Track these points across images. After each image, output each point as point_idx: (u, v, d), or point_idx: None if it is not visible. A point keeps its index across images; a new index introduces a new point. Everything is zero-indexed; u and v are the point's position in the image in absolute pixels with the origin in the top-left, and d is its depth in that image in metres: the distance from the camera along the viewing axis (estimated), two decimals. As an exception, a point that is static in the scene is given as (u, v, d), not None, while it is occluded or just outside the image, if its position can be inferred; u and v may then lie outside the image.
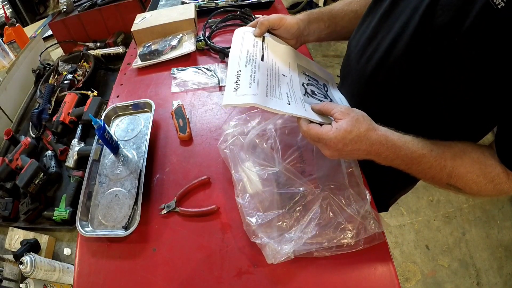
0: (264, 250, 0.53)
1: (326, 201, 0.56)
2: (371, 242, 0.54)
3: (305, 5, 3.04)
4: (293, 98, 0.55)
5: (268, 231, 0.55)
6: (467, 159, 0.48)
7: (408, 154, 0.48)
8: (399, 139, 0.49)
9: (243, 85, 0.53)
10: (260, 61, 0.58)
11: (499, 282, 1.48)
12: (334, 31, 0.71)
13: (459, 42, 0.42)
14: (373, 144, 0.48)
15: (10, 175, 0.98)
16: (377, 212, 0.57)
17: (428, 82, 0.49)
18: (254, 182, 0.58)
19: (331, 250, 0.54)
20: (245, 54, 0.59)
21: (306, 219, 0.54)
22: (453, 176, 0.48)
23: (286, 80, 0.59)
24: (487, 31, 0.39)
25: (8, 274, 0.83)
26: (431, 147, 0.49)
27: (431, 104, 0.51)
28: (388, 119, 0.52)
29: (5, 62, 1.45)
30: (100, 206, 0.68)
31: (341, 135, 0.47)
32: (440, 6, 0.44)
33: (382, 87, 0.57)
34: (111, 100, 0.93)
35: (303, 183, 0.57)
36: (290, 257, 0.52)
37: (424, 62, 0.48)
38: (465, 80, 0.45)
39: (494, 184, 0.47)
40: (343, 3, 0.73)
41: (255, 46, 0.61)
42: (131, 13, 1.32)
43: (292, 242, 0.52)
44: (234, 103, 0.50)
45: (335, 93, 0.67)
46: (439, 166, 0.48)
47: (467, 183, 0.48)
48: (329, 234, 0.54)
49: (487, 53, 0.41)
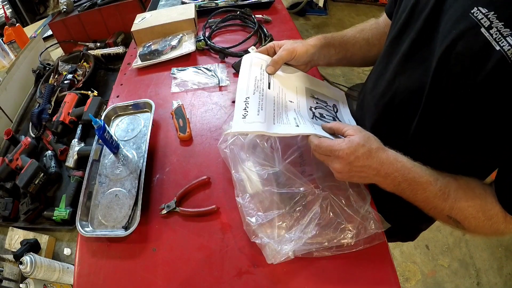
0: (264, 250, 0.53)
1: (326, 201, 0.56)
2: (371, 242, 0.54)
3: (305, 5, 3.04)
4: (301, 121, 0.55)
5: (268, 231, 0.55)
6: (470, 193, 0.48)
7: (416, 177, 0.48)
8: (409, 161, 0.49)
9: (251, 112, 0.54)
10: (267, 89, 0.59)
11: (499, 282, 1.48)
12: (344, 57, 0.72)
13: (472, 93, 0.42)
14: (383, 163, 0.48)
15: (10, 175, 0.98)
16: (378, 212, 0.58)
17: (443, 127, 0.50)
18: (254, 182, 0.58)
19: (331, 250, 0.54)
20: (253, 81, 0.59)
21: (306, 219, 0.54)
22: (454, 208, 0.49)
23: (293, 106, 0.60)
24: (501, 86, 0.39)
25: (8, 274, 0.84)
26: (437, 176, 0.49)
27: (443, 147, 0.51)
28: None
29: (5, 62, 1.45)
30: (100, 206, 0.68)
31: (354, 147, 0.47)
32: (454, 55, 0.43)
33: (397, 129, 0.58)
34: (111, 100, 0.93)
35: (303, 183, 0.57)
36: (290, 257, 0.52)
37: (442, 109, 0.48)
38: (475, 129, 0.45)
39: (492, 222, 0.48)
40: (356, 30, 0.74)
41: (262, 73, 0.61)
42: (131, 13, 1.32)
43: (292, 242, 0.52)
44: (243, 130, 0.52)
45: (345, 114, 0.68)
46: (443, 196, 0.48)
47: (467, 217, 0.48)
48: (329, 234, 0.54)
49: (498, 106, 0.41)
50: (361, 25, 0.75)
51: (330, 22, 3.10)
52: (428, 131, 0.52)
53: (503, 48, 0.38)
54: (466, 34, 0.42)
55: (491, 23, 0.39)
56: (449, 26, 0.45)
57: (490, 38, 0.39)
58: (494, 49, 0.39)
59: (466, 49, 0.42)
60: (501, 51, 0.38)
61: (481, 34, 0.40)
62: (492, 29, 0.39)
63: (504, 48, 0.37)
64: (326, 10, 3.17)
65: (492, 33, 0.39)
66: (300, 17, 3.15)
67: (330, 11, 3.22)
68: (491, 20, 0.39)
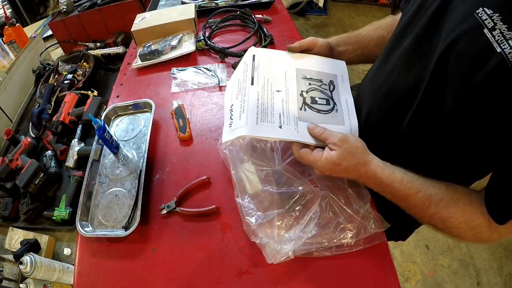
0: (264, 250, 0.53)
1: (325, 200, 0.56)
2: (371, 242, 0.54)
3: (305, 5, 3.04)
4: (285, 119, 0.56)
5: (268, 231, 0.55)
6: (453, 205, 0.49)
7: (393, 192, 0.51)
8: (387, 178, 0.51)
9: (235, 118, 0.56)
10: (249, 86, 0.58)
11: (499, 282, 1.48)
12: (363, 54, 0.74)
13: (469, 93, 0.42)
14: (361, 176, 0.52)
15: (10, 175, 0.98)
16: (377, 212, 0.58)
17: (436, 125, 0.49)
18: (254, 182, 0.58)
19: (331, 250, 0.54)
20: (236, 85, 0.60)
21: (306, 219, 0.54)
22: (434, 218, 0.50)
23: (281, 96, 0.59)
24: (499, 88, 0.39)
25: (8, 274, 0.84)
26: (419, 188, 0.50)
27: (435, 144, 0.51)
28: (388, 152, 0.54)
29: (5, 62, 1.45)
30: (100, 206, 0.68)
31: (329, 166, 0.51)
32: (455, 53, 0.43)
33: (390, 121, 0.58)
34: (111, 100, 0.93)
35: (303, 183, 0.57)
36: (290, 257, 0.52)
37: (437, 107, 0.48)
38: (468, 130, 0.45)
39: (475, 232, 0.48)
40: (371, 28, 0.75)
41: (245, 70, 0.60)
42: (131, 13, 1.32)
43: (292, 241, 0.53)
44: (230, 139, 0.54)
45: (342, 93, 0.64)
46: (422, 207, 0.50)
47: (448, 226, 0.50)
48: (329, 234, 0.54)
49: (493, 109, 0.40)
50: (378, 23, 0.76)
51: (330, 22, 3.10)
52: (420, 127, 0.52)
53: (504, 51, 0.37)
54: (468, 34, 0.41)
55: (494, 25, 0.39)
56: (453, 25, 0.44)
57: (492, 39, 0.39)
58: (495, 50, 0.38)
59: (467, 49, 0.42)
60: (502, 53, 0.37)
61: (484, 35, 0.39)
62: (495, 31, 0.39)
63: (506, 51, 0.37)
64: (326, 10, 3.17)
65: (494, 34, 0.39)
66: (300, 17, 3.15)
67: (330, 11, 3.21)
68: (495, 21, 0.39)
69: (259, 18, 1.11)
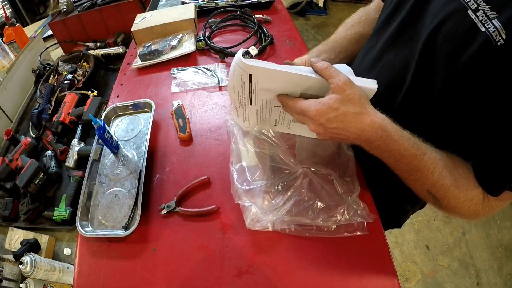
0: (245, 213, 0.56)
1: (313, 182, 0.57)
2: (359, 230, 0.56)
3: (305, 5, 3.04)
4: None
5: (253, 199, 0.57)
6: (455, 173, 0.48)
7: (401, 150, 0.46)
8: (396, 132, 0.46)
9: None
10: (248, 105, 0.57)
11: (499, 282, 1.48)
12: (347, 57, 0.73)
13: (456, 73, 0.43)
14: (364, 129, 0.45)
15: (10, 175, 0.98)
16: (373, 209, 0.58)
17: (427, 106, 0.50)
18: (251, 154, 0.60)
19: (311, 230, 0.56)
20: (237, 96, 0.57)
21: (289, 194, 0.56)
22: (436, 186, 0.48)
23: (279, 109, 0.58)
24: (485, 67, 0.40)
25: (8, 274, 0.84)
26: (425, 150, 0.47)
27: (429, 124, 0.51)
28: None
29: (5, 62, 1.45)
30: (100, 206, 0.68)
31: (323, 110, 0.45)
32: (442, 35, 0.44)
33: (380, 106, 0.57)
34: (111, 100, 0.93)
35: (296, 164, 0.58)
36: (269, 229, 0.55)
37: (426, 88, 0.48)
38: (458, 109, 0.45)
39: (471, 204, 0.47)
40: (345, 28, 0.75)
41: (243, 88, 0.56)
42: (131, 13, 1.32)
43: (274, 211, 0.55)
44: (251, 63, 0.49)
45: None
46: (426, 172, 0.47)
47: (447, 196, 0.48)
48: (312, 214, 0.56)
49: (480, 88, 0.41)
50: (350, 21, 0.76)
51: (330, 22, 3.10)
52: (411, 109, 0.52)
53: (488, 30, 0.39)
54: (453, 16, 0.43)
55: (478, 6, 0.41)
56: (438, 8, 0.46)
57: (476, 20, 0.40)
58: (479, 30, 0.40)
59: (452, 30, 0.43)
60: (486, 32, 0.39)
61: (468, 16, 0.41)
62: (479, 12, 0.40)
63: (490, 30, 0.38)
64: (326, 10, 3.17)
65: (478, 15, 0.40)
66: (300, 17, 3.15)
67: (330, 11, 3.21)
68: (478, 3, 0.41)
69: (259, 18, 1.11)
